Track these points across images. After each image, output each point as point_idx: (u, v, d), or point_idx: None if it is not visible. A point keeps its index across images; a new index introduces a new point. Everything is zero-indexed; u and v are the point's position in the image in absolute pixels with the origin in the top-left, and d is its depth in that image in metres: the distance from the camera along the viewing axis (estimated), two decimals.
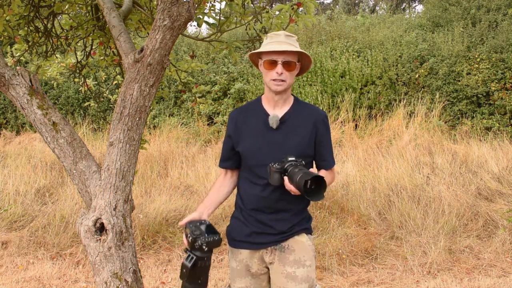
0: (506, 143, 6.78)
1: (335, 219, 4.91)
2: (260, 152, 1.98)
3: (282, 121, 2.00)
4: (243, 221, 2.04)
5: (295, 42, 2.00)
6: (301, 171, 1.78)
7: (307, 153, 1.99)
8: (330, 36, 9.55)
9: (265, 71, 1.98)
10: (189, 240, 1.85)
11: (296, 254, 2.00)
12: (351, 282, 3.85)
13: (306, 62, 2.06)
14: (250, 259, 2.04)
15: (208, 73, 8.98)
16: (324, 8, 20.73)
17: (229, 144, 2.10)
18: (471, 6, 9.66)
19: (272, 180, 1.90)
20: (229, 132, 2.10)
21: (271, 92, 2.00)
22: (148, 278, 3.94)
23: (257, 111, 2.06)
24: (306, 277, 1.99)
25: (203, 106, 8.32)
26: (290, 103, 2.05)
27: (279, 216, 2.00)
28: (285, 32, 2.00)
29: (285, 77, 1.94)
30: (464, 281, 3.82)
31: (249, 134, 2.03)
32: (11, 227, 4.93)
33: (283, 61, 1.93)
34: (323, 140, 2.03)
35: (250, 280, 2.05)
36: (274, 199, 1.98)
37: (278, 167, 1.87)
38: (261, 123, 2.02)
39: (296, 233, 2.02)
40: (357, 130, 7.60)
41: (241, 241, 2.04)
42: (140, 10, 2.97)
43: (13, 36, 3.32)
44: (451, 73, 7.90)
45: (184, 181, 6.02)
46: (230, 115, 2.13)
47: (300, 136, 1.99)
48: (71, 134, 2.17)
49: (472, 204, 5.08)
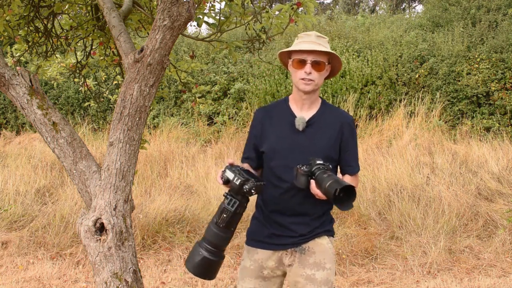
0: (506, 143, 6.78)
1: (335, 219, 4.91)
2: (284, 154, 1.95)
3: (308, 123, 1.97)
4: (263, 222, 2.01)
5: (326, 43, 1.98)
6: (331, 177, 1.73)
7: (332, 157, 1.96)
8: (330, 36, 9.54)
9: (294, 70, 1.95)
10: (237, 183, 1.79)
11: (316, 256, 1.97)
12: (351, 282, 3.85)
13: (336, 64, 2.03)
14: (266, 260, 2.00)
15: (208, 73, 8.98)
16: (324, 8, 20.73)
17: (252, 143, 2.07)
18: (471, 6, 9.65)
19: (298, 183, 1.85)
20: (254, 132, 2.06)
21: (299, 92, 1.97)
22: (148, 278, 3.94)
23: (283, 112, 2.02)
24: (325, 280, 1.96)
25: (203, 106, 8.32)
26: (317, 106, 2.02)
27: (300, 219, 1.97)
28: (316, 33, 1.98)
29: (313, 77, 1.92)
30: (464, 281, 3.82)
31: (274, 134, 2.00)
32: (11, 227, 4.93)
33: (312, 60, 1.91)
34: (348, 145, 2.00)
35: (259, 282, 2.00)
36: (295, 202, 1.95)
37: (306, 170, 1.82)
38: (287, 124, 1.99)
39: (317, 235, 1.99)
40: (357, 130, 7.59)
41: (260, 241, 2.01)
42: (140, 10, 2.97)
43: (13, 36, 3.32)
44: (451, 73, 7.90)
45: (184, 181, 6.02)
46: (255, 114, 2.10)
47: (325, 139, 1.96)
48: (71, 134, 2.17)
49: (472, 204, 5.08)
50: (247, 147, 2.10)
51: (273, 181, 1.98)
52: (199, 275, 1.87)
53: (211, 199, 5.34)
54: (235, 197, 1.81)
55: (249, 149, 2.09)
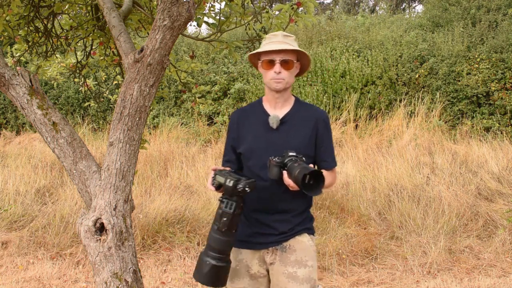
0: (506, 143, 6.78)
1: (335, 219, 4.92)
2: (260, 153, 1.98)
3: (282, 121, 2.01)
4: (245, 222, 2.03)
5: (293, 41, 2.01)
6: (300, 165, 1.77)
7: (307, 153, 1.99)
8: (330, 36, 9.55)
9: (264, 71, 2.00)
10: (230, 184, 1.82)
11: (297, 254, 2.00)
12: (351, 282, 3.85)
13: (305, 62, 2.07)
14: (250, 260, 2.04)
15: (208, 73, 8.98)
16: (324, 8, 20.73)
17: (230, 145, 2.11)
18: (471, 6, 9.65)
19: (271, 174, 1.89)
20: (231, 134, 2.11)
21: (271, 92, 2.01)
22: (148, 278, 3.94)
23: (257, 112, 2.06)
24: (307, 278, 1.99)
25: (203, 106, 8.32)
26: (291, 104, 2.05)
27: (281, 217, 2.00)
28: (282, 32, 2.02)
29: (283, 76, 1.96)
30: (464, 281, 3.82)
31: (250, 134, 2.04)
32: (11, 227, 4.93)
33: (281, 60, 1.95)
34: (323, 141, 2.04)
35: (248, 281, 2.04)
36: (275, 200, 1.98)
37: (278, 161, 1.87)
38: (262, 123, 2.02)
39: (297, 233, 2.02)
40: (357, 130, 7.60)
41: (242, 241, 2.03)
42: (140, 10, 2.97)
43: (13, 36, 3.32)
44: (451, 73, 7.90)
45: (184, 181, 6.02)
46: (231, 117, 2.14)
47: (300, 136, 2.00)
48: (71, 134, 2.17)
49: (472, 204, 5.08)
50: (226, 150, 2.15)
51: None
52: (210, 284, 1.89)
53: (211, 199, 5.34)
54: (230, 199, 1.84)
55: (228, 151, 2.13)
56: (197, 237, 4.57)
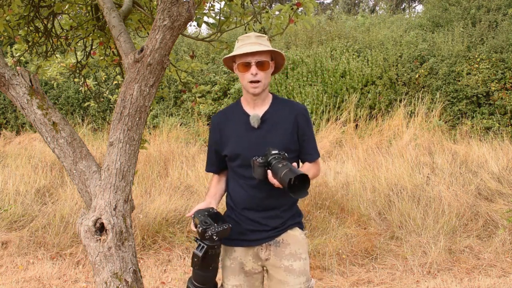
0: (506, 143, 6.78)
1: (335, 219, 4.91)
2: (244, 153, 2.00)
3: (263, 119, 2.02)
4: (236, 220, 2.05)
5: (266, 41, 2.03)
6: (285, 167, 1.78)
7: (290, 148, 2.01)
8: (330, 36, 9.55)
9: (240, 74, 2.01)
10: (199, 230, 1.87)
11: (291, 247, 2.03)
12: (351, 282, 3.85)
13: (280, 60, 2.08)
14: (244, 257, 2.06)
15: (208, 73, 8.98)
16: (324, 8, 20.73)
17: (213, 149, 2.13)
18: (471, 6, 9.65)
19: (256, 174, 1.91)
20: (213, 138, 2.12)
21: (249, 94, 2.03)
22: (148, 278, 3.94)
23: (237, 113, 2.08)
24: (303, 270, 2.03)
25: (203, 106, 8.32)
26: (269, 101, 2.08)
27: (271, 213, 2.03)
28: (255, 33, 2.04)
29: (260, 77, 1.97)
30: (464, 281, 3.82)
31: (232, 136, 2.06)
32: (11, 227, 4.93)
33: (256, 61, 1.96)
34: (305, 134, 2.06)
35: (243, 278, 2.06)
36: (262, 197, 2.01)
37: (261, 161, 1.89)
38: (243, 124, 2.04)
39: (289, 227, 2.05)
40: (357, 130, 7.60)
41: (235, 239, 2.05)
42: (140, 10, 2.97)
43: (13, 36, 3.32)
44: (451, 73, 7.90)
45: (184, 181, 6.02)
46: (212, 120, 2.16)
47: (282, 132, 2.02)
48: (71, 134, 2.17)
49: (472, 204, 5.08)
50: (209, 154, 2.17)
51: (238, 180, 2.05)
52: None
53: None
54: (202, 242, 1.88)
55: (211, 155, 2.15)
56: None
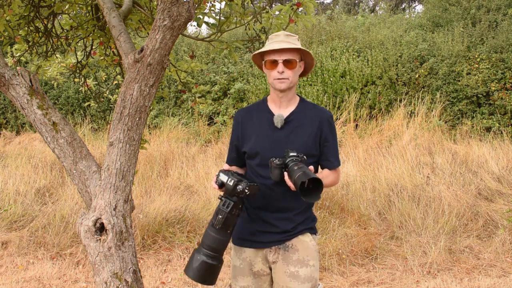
0: (506, 143, 6.78)
1: (335, 219, 4.91)
2: (264, 152, 1.99)
3: (287, 120, 2.01)
4: (248, 219, 2.05)
5: (296, 41, 2.02)
6: (300, 169, 1.77)
7: (311, 152, 1.99)
8: (330, 36, 9.55)
9: (268, 71, 2.01)
10: (230, 183, 1.86)
11: (299, 253, 2.01)
12: (351, 282, 3.85)
13: (309, 61, 2.07)
14: (253, 258, 2.05)
15: (208, 73, 8.98)
16: (324, 8, 20.73)
17: (234, 145, 2.13)
18: (471, 6, 9.65)
19: (273, 176, 1.91)
20: (235, 133, 2.12)
21: (276, 91, 2.02)
22: (148, 278, 3.94)
23: (262, 111, 2.07)
24: (309, 277, 2.00)
25: (203, 106, 8.32)
26: (295, 103, 2.06)
27: (283, 215, 2.01)
28: (285, 32, 2.03)
29: (287, 75, 1.96)
30: (464, 281, 3.82)
31: (254, 133, 2.05)
32: (11, 227, 4.93)
33: (283, 59, 1.95)
34: (327, 140, 2.04)
35: (252, 279, 2.06)
36: (277, 198, 2.00)
37: (278, 162, 1.88)
38: (266, 122, 2.03)
39: (300, 233, 2.03)
40: (357, 130, 7.59)
41: (245, 239, 2.05)
42: (140, 10, 2.97)
43: (13, 36, 3.32)
44: (451, 73, 7.90)
45: (184, 181, 6.02)
46: (235, 116, 2.15)
47: (304, 136, 2.00)
48: (71, 134, 2.17)
49: (472, 204, 5.08)
50: (230, 149, 2.17)
51: (255, 179, 2.03)
52: (199, 280, 1.92)
53: (211, 199, 5.34)
54: (230, 198, 1.87)
55: (232, 150, 2.15)
56: (197, 237, 4.57)
